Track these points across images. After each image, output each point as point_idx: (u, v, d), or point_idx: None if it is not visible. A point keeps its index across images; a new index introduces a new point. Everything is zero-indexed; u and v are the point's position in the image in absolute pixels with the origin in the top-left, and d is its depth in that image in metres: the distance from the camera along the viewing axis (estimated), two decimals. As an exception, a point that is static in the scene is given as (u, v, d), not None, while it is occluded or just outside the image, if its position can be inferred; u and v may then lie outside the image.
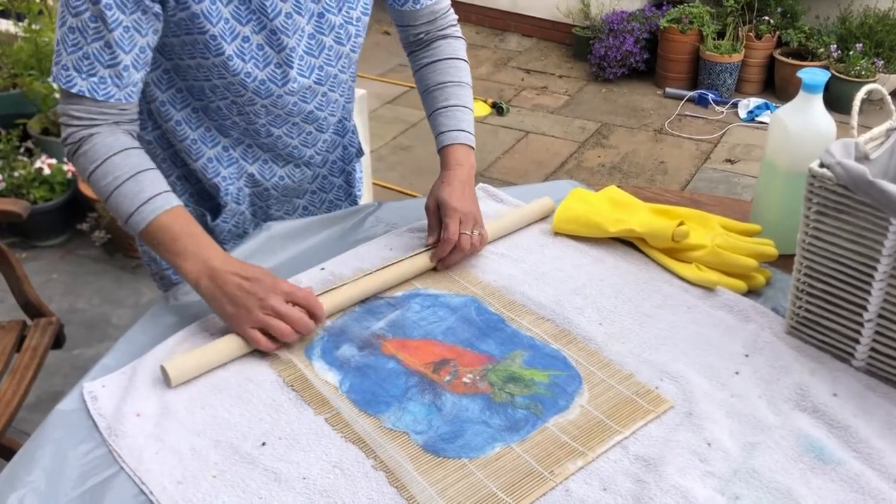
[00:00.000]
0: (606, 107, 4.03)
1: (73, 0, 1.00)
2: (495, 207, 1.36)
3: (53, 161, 2.82)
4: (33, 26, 2.80)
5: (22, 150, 2.93)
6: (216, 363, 1.01)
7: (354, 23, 1.20)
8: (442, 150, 1.26)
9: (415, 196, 1.90)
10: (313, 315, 1.04)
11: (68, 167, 2.83)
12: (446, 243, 1.16)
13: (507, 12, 4.84)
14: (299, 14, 1.13)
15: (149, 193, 1.06)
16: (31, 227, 2.83)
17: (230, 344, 1.03)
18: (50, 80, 1.09)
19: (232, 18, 1.08)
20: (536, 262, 1.23)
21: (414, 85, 1.37)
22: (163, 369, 0.98)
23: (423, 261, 1.19)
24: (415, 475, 0.88)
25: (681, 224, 1.18)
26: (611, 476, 0.88)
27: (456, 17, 1.36)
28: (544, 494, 0.86)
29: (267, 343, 1.02)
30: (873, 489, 0.85)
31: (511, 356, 1.04)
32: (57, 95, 2.90)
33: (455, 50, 1.33)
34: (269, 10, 1.10)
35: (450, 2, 1.34)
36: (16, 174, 2.78)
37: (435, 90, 1.30)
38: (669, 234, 1.18)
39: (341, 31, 1.18)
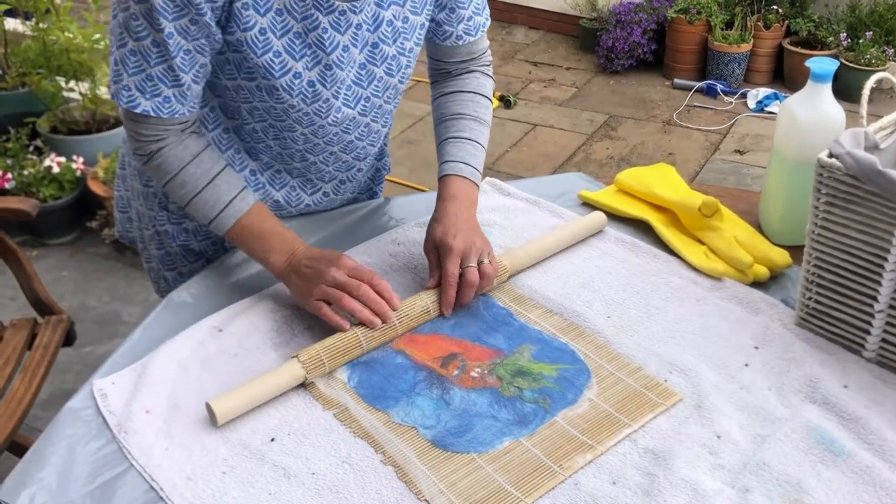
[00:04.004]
0: (614, 99, 4.01)
1: (134, 23, 0.96)
2: (503, 202, 1.36)
3: (62, 159, 2.83)
4: (41, 25, 2.80)
5: (31, 148, 2.94)
6: (261, 399, 0.96)
7: (407, 54, 1.14)
8: (441, 180, 1.19)
9: (423, 190, 1.89)
10: (381, 295, 1.04)
11: (77, 165, 2.84)
12: (447, 287, 1.07)
13: (513, 4, 4.82)
14: (355, 46, 1.08)
15: (226, 198, 1.10)
16: (40, 226, 2.84)
17: (277, 380, 0.97)
18: (108, 96, 1.07)
19: (284, 52, 1.03)
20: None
21: (421, 78, 1.35)
22: (208, 407, 0.93)
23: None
24: (423, 470, 0.88)
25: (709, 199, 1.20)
26: (620, 469, 0.88)
27: (491, 58, 1.30)
28: (553, 488, 0.86)
29: (331, 314, 1.03)
30: (884, 481, 0.85)
31: (519, 350, 1.04)
32: (66, 94, 2.94)
33: (481, 85, 1.26)
34: (328, 45, 1.05)
35: (488, 44, 1.28)
36: (25, 173, 2.79)
37: (450, 119, 1.24)
38: (697, 204, 1.19)
39: (393, 63, 1.13)
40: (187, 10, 0.96)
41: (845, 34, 3.79)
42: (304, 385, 0.99)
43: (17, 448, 1.69)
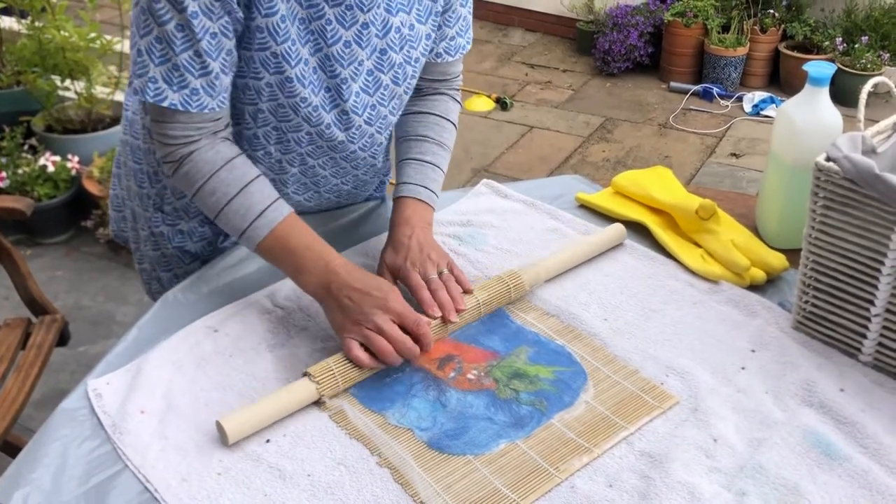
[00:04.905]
0: (611, 101, 4.02)
1: (157, 6, 0.94)
2: (500, 204, 1.36)
3: (57, 158, 2.82)
4: (36, 23, 2.80)
5: (26, 147, 2.93)
6: (274, 418, 0.94)
7: (413, 63, 1.13)
8: (396, 201, 1.17)
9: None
10: (420, 342, 0.99)
11: (72, 164, 2.84)
12: (419, 290, 1.05)
13: (510, 7, 4.82)
14: (359, 46, 1.06)
15: (259, 207, 1.04)
16: (35, 225, 2.82)
17: (290, 397, 0.95)
18: (131, 93, 1.04)
19: (297, 39, 1.02)
20: (540, 257, 1.22)
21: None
22: (218, 425, 0.91)
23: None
24: (419, 472, 0.87)
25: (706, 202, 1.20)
26: (616, 472, 0.87)
27: (461, 83, 1.30)
28: (549, 491, 0.86)
29: (359, 353, 0.97)
30: (881, 485, 0.85)
31: (516, 352, 1.04)
32: (61, 93, 2.93)
33: (448, 110, 1.26)
34: (329, 36, 1.03)
35: (462, 69, 1.28)
36: (20, 171, 2.78)
37: (414, 140, 1.22)
38: (694, 207, 1.19)
39: (399, 71, 1.12)
40: None
41: (841, 39, 3.80)
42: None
43: (11, 448, 1.68)
